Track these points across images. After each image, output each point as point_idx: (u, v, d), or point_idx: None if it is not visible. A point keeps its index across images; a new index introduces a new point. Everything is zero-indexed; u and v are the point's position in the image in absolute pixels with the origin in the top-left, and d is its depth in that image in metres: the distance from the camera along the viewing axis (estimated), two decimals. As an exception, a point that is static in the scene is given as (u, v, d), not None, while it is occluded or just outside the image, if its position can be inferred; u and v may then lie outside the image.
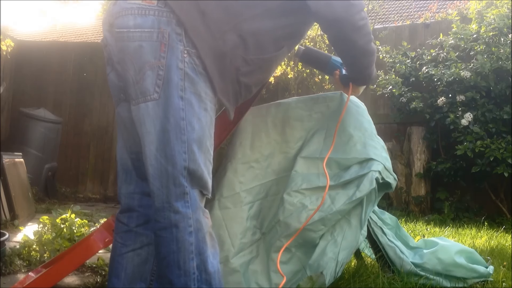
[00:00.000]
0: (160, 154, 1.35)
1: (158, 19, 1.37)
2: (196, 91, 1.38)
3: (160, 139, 1.35)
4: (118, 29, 1.40)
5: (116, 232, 1.59)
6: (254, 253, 1.95)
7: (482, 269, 2.18)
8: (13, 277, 2.30)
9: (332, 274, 1.83)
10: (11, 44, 6.43)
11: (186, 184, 1.34)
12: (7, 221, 3.73)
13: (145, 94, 1.37)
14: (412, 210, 5.26)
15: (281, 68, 6.17)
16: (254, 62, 1.49)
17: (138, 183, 1.58)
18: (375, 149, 1.93)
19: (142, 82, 1.36)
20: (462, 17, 5.69)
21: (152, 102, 1.36)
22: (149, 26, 1.36)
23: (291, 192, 1.90)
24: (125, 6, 1.41)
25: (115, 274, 1.54)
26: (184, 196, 1.34)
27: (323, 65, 1.99)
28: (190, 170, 1.35)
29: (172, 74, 1.36)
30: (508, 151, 4.63)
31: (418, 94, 5.38)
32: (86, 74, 7.17)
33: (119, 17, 1.41)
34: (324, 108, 2.05)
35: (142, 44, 1.36)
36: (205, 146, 1.39)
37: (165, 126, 1.35)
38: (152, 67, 1.36)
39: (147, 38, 1.36)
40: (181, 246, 1.32)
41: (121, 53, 1.41)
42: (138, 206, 1.58)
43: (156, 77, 1.36)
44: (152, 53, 1.36)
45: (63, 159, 6.81)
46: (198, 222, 1.35)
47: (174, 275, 1.32)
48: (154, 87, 1.36)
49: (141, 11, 1.38)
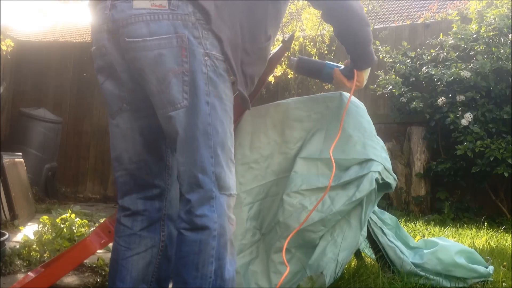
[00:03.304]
0: (190, 161, 1.35)
1: (173, 23, 1.32)
2: (218, 94, 1.37)
3: (190, 146, 1.34)
4: (130, 38, 1.33)
5: (119, 235, 1.56)
6: (254, 254, 1.95)
7: (482, 269, 2.18)
8: (13, 277, 2.30)
9: (332, 275, 1.83)
10: (11, 44, 6.43)
11: (214, 189, 1.35)
12: (7, 221, 3.73)
13: (174, 103, 1.33)
14: (412, 210, 5.26)
15: (281, 68, 6.17)
16: (254, 52, 1.50)
17: (140, 189, 1.56)
18: (375, 150, 1.93)
19: (168, 91, 1.33)
20: (462, 17, 5.69)
21: (182, 109, 1.33)
22: (165, 32, 1.31)
23: (291, 193, 1.90)
24: (131, 12, 1.33)
25: (120, 278, 1.52)
26: (211, 201, 1.34)
27: (319, 70, 1.96)
28: (217, 174, 1.35)
29: (198, 79, 1.33)
30: (508, 151, 4.63)
31: (418, 94, 5.38)
32: (86, 74, 7.16)
33: (127, 25, 1.33)
34: (324, 108, 2.05)
35: (162, 52, 1.31)
36: (227, 147, 1.39)
37: (194, 133, 1.34)
38: (176, 74, 1.32)
39: (166, 45, 1.31)
40: (203, 249, 1.31)
41: (137, 63, 1.35)
42: (143, 210, 1.56)
43: (182, 84, 1.33)
44: (174, 59, 1.32)
45: (63, 159, 6.81)
46: (222, 228, 1.34)
47: (190, 276, 1.31)
48: (182, 94, 1.33)
49: (153, 17, 1.31)
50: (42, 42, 8.61)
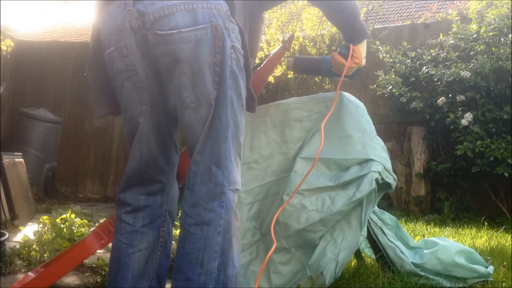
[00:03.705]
0: (207, 153, 1.33)
1: (208, 12, 1.30)
2: (238, 89, 1.37)
3: (210, 138, 1.33)
4: (162, 31, 1.29)
5: (120, 232, 1.55)
6: (254, 254, 1.95)
7: (482, 269, 2.18)
8: (13, 277, 2.30)
9: (332, 275, 1.83)
10: (11, 44, 6.43)
11: (226, 183, 1.33)
12: (7, 221, 3.73)
13: (207, 95, 1.32)
14: (412, 210, 5.26)
15: (281, 68, 6.16)
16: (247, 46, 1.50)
17: (142, 184, 1.56)
18: (375, 150, 1.93)
19: (203, 83, 1.31)
20: (462, 17, 5.69)
21: (214, 101, 1.32)
22: (201, 21, 1.28)
23: (291, 193, 1.90)
24: (163, 4, 1.29)
25: (122, 276, 1.50)
26: (221, 196, 1.33)
27: (317, 66, 1.97)
28: (228, 168, 1.35)
29: (226, 71, 1.32)
30: (508, 151, 4.63)
31: (418, 94, 5.38)
32: (86, 74, 7.16)
33: (160, 17, 1.29)
34: (324, 108, 2.05)
35: (198, 44, 1.29)
36: (238, 141, 1.40)
37: (217, 125, 1.33)
38: (209, 65, 1.30)
39: (202, 36, 1.29)
40: (208, 245, 1.30)
41: (169, 57, 1.31)
42: (144, 206, 1.55)
43: (213, 74, 1.31)
44: (209, 50, 1.30)
45: (63, 159, 6.81)
46: (228, 223, 1.34)
47: (195, 273, 1.29)
48: (213, 84, 1.32)
49: (188, 6, 1.28)
50: (42, 42, 8.61)
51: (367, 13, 6.32)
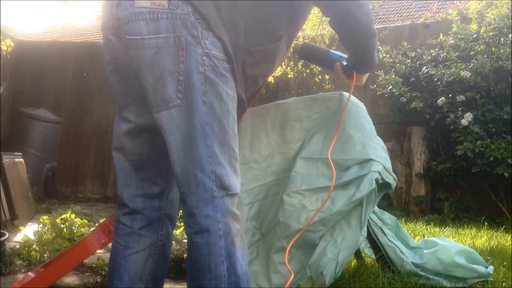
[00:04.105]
0: (187, 161, 1.35)
1: (171, 23, 1.33)
2: (218, 94, 1.37)
3: (186, 146, 1.35)
4: (129, 36, 1.35)
5: (118, 234, 1.56)
6: (254, 254, 1.95)
7: (482, 269, 2.18)
8: (13, 277, 2.30)
9: (332, 275, 1.83)
10: (11, 44, 6.43)
11: (215, 188, 1.35)
12: (7, 221, 3.73)
13: (167, 102, 1.34)
14: (412, 210, 5.26)
15: (281, 68, 6.17)
16: (258, 52, 1.50)
17: (139, 185, 1.56)
18: (375, 150, 1.93)
19: (163, 90, 1.34)
20: (462, 17, 5.69)
21: (175, 109, 1.34)
22: (164, 31, 1.32)
23: (291, 193, 1.90)
24: (133, 10, 1.35)
25: (118, 277, 1.52)
26: (213, 200, 1.34)
27: (323, 59, 1.96)
28: (217, 173, 1.35)
29: (194, 79, 1.33)
30: (508, 151, 4.63)
31: (418, 94, 5.38)
32: (86, 74, 7.17)
33: (128, 23, 1.35)
34: (324, 108, 2.05)
35: (159, 51, 1.33)
36: (228, 145, 1.39)
37: (191, 132, 1.34)
38: (171, 73, 1.33)
39: (163, 44, 1.33)
40: (212, 250, 1.33)
41: (136, 61, 1.37)
42: (142, 208, 1.56)
43: (177, 83, 1.33)
44: (170, 59, 1.33)
45: (63, 159, 6.81)
46: (227, 225, 1.35)
47: (205, 280, 1.33)
48: (176, 93, 1.34)
49: (153, 15, 1.33)
50: (42, 42, 8.61)
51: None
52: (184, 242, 2.91)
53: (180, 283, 2.33)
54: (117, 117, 1.57)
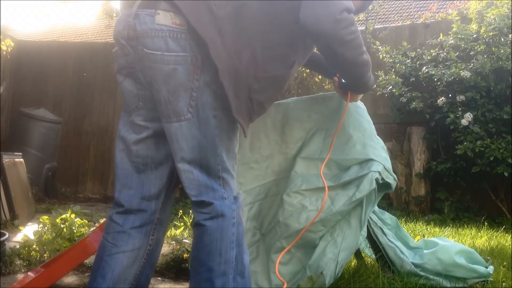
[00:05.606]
0: (195, 168, 1.44)
1: (189, 43, 1.40)
2: (225, 107, 1.44)
3: (196, 155, 1.44)
4: (148, 50, 1.41)
5: (108, 231, 1.59)
6: (254, 254, 1.95)
7: (482, 269, 2.18)
8: (13, 277, 2.30)
9: (332, 275, 1.83)
10: (11, 44, 6.43)
11: (223, 190, 1.46)
12: (7, 221, 3.73)
13: (179, 114, 1.43)
14: (412, 210, 5.26)
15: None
16: (265, 79, 1.52)
17: (139, 187, 1.58)
18: (375, 150, 1.93)
19: (176, 103, 1.42)
20: (462, 17, 5.69)
21: (185, 121, 1.43)
22: (183, 50, 1.40)
23: (291, 193, 1.90)
24: (153, 26, 1.41)
25: (101, 274, 1.53)
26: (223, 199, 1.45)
27: (323, 68, 2.00)
28: (224, 178, 1.47)
29: (207, 95, 1.42)
30: (508, 151, 4.63)
31: (418, 94, 5.38)
32: (86, 74, 7.16)
33: (147, 37, 1.41)
34: (324, 108, 2.05)
35: (177, 68, 1.40)
36: (232, 152, 1.51)
37: (201, 143, 1.44)
38: (185, 89, 1.41)
39: (181, 62, 1.40)
40: (224, 235, 1.41)
41: (150, 72, 1.43)
42: (136, 209, 1.58)
43: (190, 98, 1.42)
44: (187, 75, 1.40)
45: (63, 159, 6.81)
46: (239, 217, 1.47)
47: (215, 263, 1.39)
48: (188, 107, 1.42)
49: (173, 34, 1.40)
50: (42, 42, 8.60)
51: (367, 13, 6.31)
52: (184, 242, 2.91)
53: (180, 283, 2.33)
54: (125, 120, 1.60)
